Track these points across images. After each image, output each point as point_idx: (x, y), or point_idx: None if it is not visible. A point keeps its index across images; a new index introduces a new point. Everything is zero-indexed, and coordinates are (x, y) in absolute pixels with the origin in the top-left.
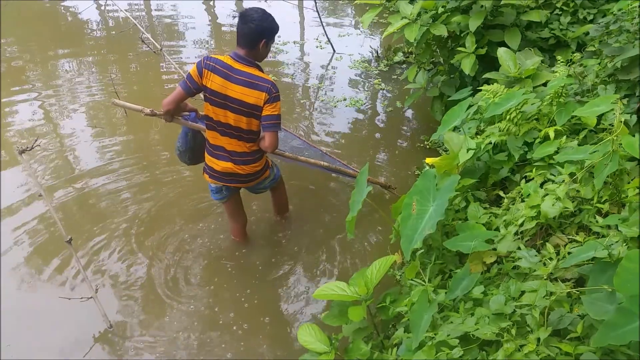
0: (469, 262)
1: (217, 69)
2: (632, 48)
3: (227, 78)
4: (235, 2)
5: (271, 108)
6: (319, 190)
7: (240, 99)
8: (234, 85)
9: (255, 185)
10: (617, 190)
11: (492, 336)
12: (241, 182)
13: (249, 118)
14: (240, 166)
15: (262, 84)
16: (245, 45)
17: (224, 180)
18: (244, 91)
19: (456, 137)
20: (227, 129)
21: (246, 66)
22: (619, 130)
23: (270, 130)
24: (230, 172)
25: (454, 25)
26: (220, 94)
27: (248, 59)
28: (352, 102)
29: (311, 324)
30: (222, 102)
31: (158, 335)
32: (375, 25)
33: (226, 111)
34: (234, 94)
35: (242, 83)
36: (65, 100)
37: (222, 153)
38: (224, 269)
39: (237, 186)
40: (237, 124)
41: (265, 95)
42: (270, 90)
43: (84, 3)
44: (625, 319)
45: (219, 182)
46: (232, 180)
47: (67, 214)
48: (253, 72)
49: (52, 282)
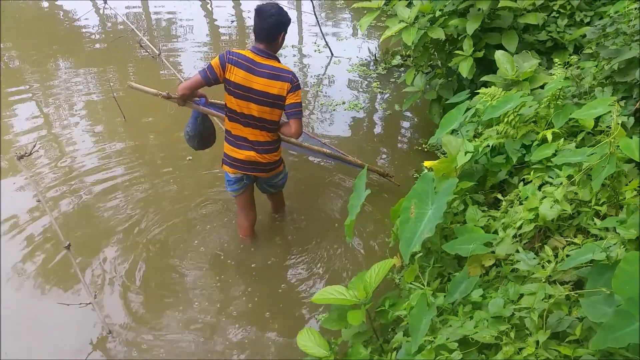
0: (468, 265)
1: (241, 63)
2: (628, 50)
3: (251, 71)
4: (234, 5)
5: (294, 97)
6: (318, 193)
7: (264, 91)
8: (257, 78)
9: (271, 178)
10: (615, 192)
11: (491, 339)
12: (262, 170)
13: (273, 108)
14: (262, 155)
15: (284, 74)
16: (264, 39)
17: (246, 169)
18: (267, 83)
19: (454, 140)
20: (251, 120)
21: (267, 59)
22: (616, 133)
23: (295, 117)
24: (253, 161)
25: (451, 29)
26: (244, 87)
27: (268, 52)
28: (351, 105)
29: (310, 328)
30: (246, 95)
31: (157, 340)
32: (373, 28)
33: (250, 103)
34: (258, 86)
35: (265, 75)
36: (64, 105)
37: (245, 143)
38: (221, 275)
39: (257, 175)
40: (260, 115)
41: (288, 85)
42: (292, 80)
43: (82, 6)
44: (623, 322)
45: (241, 172)
46: (253, 169)
47: (66, 218)
48: (274, 64)
49: (51, 288)
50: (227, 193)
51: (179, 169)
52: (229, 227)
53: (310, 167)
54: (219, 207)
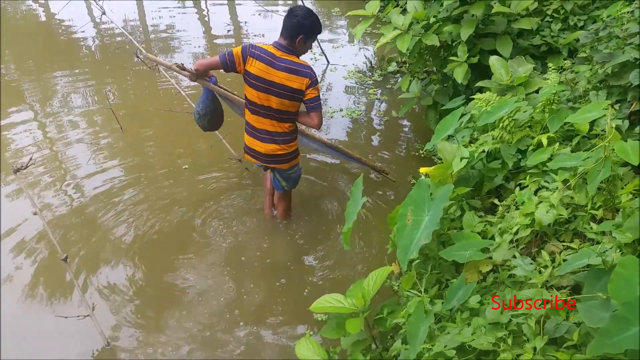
0: (465, 271)
1: (262, 57)
2: (622, 54)
3: (271, 65)
4: (230, 17)
5: (314, 91)
6: (316, 200)
7: (284, 84)
8: (277, 72)
9: (288, 169)
10: (611, 195)
11: (488, 346)
12: (281, 162)
13: (291, 101)
14: (281, 145)
15: (303, 70)
16: (286, 36)
17: (266, 161)
18: (287, 77)
19: (450, 146)
20: (269, 111)
21: (287, 54)
22: (611, 136)
23: (316, 110)
24: (273, 154)
25: (445, 35)
26: (265, 80)
27: (289, 47)
28: (349, 112)
29: (309, 338)
30: (266, 87)
31: (156, 351)
32: (368, 36)
33: (269, 95)
34: (278, 80)
35: (285, 70)
36: (61, 116)
37: (265, 136)
38: (219, 285)
39: (277, 167)
40: (279, 107)
41: (307, 80)
42: (311, 75)
43: (79, 18)
44: (620, 327)
45: (261, 163)
46: (273, 161)
47: (64, 230)
48: (294, 60)
49: (48, 299)
50: (225, 201)
51: (177, 177)
52: (227, 236)
53: (309, 173)
54: (216, 216)
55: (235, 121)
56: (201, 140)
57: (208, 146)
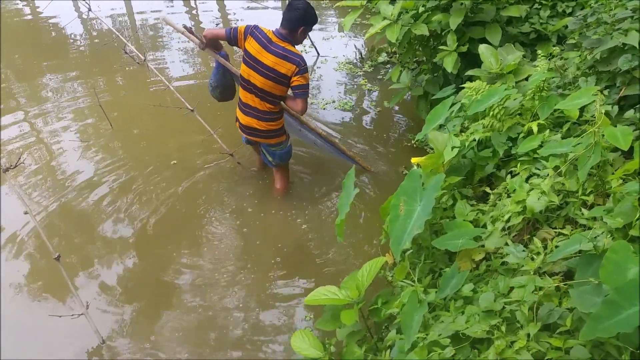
0: (458, 260)
1: (259, 38)
2: (610, 40)
3: (265, 47)
4: (218, 9)
5: (301, 79)
6: (309, 192)
7: (272, 67)
8: (268, 55)
9: (270, 145)
10: (601, 181)
11: (482, 334)
12: (259, 136)
13: (276, 84)
14: (259, 122)
15: (293, 57)
16: (286, 27)
17: (246, 132)
18: (276, 61)
19: (440, 136)
20: (254, 88)
21: (282, 42)
22: (600, 122)
23: (302, 97)
24: (251, 127)
25: (435, 24)
26: (255, 58)
27: (286, 36)
28: (341, 103)
29: (304, 330)
30: (254, 66)
31: (152, 348)
32: (357, 26)
33: (255, 73)
34: (267, 62)
35: (276, 54)
36: (50, 114)
37: (248, 110)
38: (212, 281)
39: (256, 140)
40: (262, 86)
41: (295, 68)
42: (300, 63)
43: (66, 15)
44: (611, 311)
45: (243, 134)
46: (251, 133)
47: (57, 229)
48: (286, 47)
49: (42, 298)
50: (215, 198)
51: (168, 173)
52: (219, 231)
53: (301, 166)
54: (209, 212)
55: (226, 117)
56: (192, 135)
57: (199, 141)
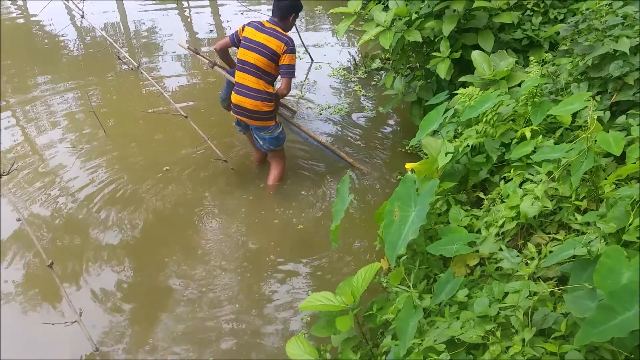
0: (452, 265)
1: (253, 24)
2: (601, 46)
3: (257, 29)
4: (213, 17)
5: (288, 58)
6: (305, 199)
7: (264, 44)
8: (261, 34)
9: (260, 128)
10: (594, 186)
11: (477, 339)
12: (247, 116)
13: (269, 61)
14: (249, 100)
15: (282, 36)
16: (277, 15)
17: (235, 111)
18: (267, 38)
19: (434, 142)
20: (249, 67)
21: (274, 25)
22: (593, 128)
23: (286, 77)
24: (240, 105)
25: (428, 31)
26: (250, 39)
27: (278, 23)
28: (336, 109)
29: (299, 337)
30: (249, 45)
31: (145, 355)
32: (352, 33)
33: (251, 52)
34: (260, 39)
35: (267, 33)
36: (43, 120)
37: (243, 90)
38: (207, 288)
39: (243, 120)
40: (256, 63)
41: (283, 45)
42: (288, 42)
43: (59, 21)
44: (605, 316)
45: (234, 114)
46: (240, 112)
47: (48, 235)
48: (277, 29)
49: (35, 307)
50: (209, 203)
51: (161, 179)
52: (213, 236)
53: (298, 166)
54: (203, 216)
55: (220, 124)
56: (186, 141)
57: (193, 147)
